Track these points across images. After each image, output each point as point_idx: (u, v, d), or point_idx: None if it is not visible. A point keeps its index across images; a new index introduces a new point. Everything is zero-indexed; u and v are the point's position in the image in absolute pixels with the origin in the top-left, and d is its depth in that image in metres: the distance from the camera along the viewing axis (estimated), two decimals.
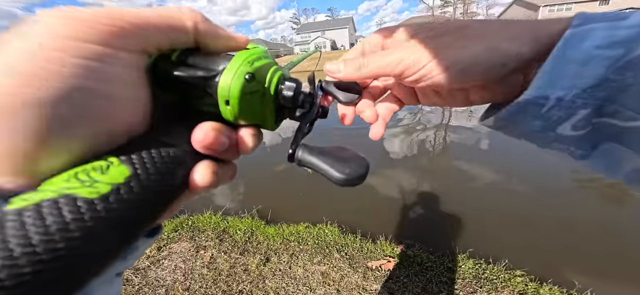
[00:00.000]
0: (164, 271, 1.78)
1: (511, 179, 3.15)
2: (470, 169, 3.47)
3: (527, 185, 2.95)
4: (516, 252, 1.79)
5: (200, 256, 1.95)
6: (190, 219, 2.53)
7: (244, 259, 1.92)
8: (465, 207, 2.65)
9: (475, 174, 3.31)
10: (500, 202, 2.76)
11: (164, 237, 2.23)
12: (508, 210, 2.60)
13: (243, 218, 2.53)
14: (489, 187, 3.03)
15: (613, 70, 0.16)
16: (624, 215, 2.36)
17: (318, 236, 2.17)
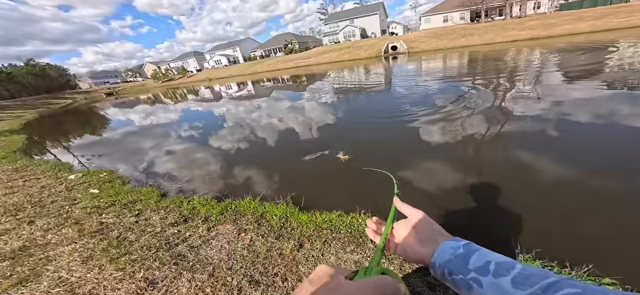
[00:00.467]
0: (212, 250, 1.93)
1: (587, 172, 2.53)
2: (533, 160, 2.91)
3: (609, 182, 2.33)
4: (600, 257, 1.42)
5: (241, 238, 2.06)
6: (234, 203, 2.71)
7: (279, 243, 1.96)
8: (526, 203, 2.23)
9: (539, 167, 2.76)
10: (568, 199, 2.24)
11: (212, 219, 2.43)
12: (578, 209, 2.09)
13: (278, 204, 2.59)
14: (557, 181, 2.49)
15: (453, 256, 0.40)
16: None
17: (351, 225, 2.09)
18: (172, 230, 2.32)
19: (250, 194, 2.88)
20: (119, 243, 2.19)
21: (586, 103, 4.25)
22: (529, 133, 3.53)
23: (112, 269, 1.81)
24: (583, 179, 2.42)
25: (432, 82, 8.28)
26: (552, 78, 6.32)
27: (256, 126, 6.24)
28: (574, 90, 5.04)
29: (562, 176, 2.48)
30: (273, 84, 16.76)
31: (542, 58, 9.84)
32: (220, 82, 29.36)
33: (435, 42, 23.17)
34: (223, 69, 46.16)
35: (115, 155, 6.06)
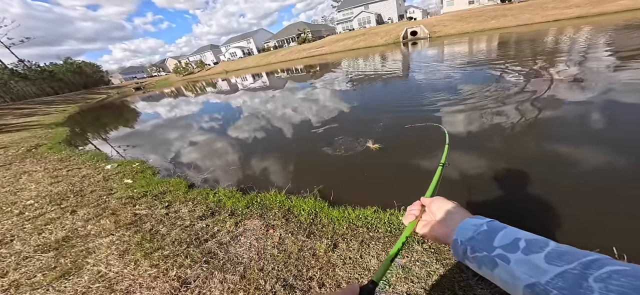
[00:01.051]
0: (241, 248, 1.83)
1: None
2: (572, 152, 2.47)
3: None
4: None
5: (270, 235, 1.93)
6: (259, 196, 2.60)
7: (311, 242, 1.80)
8: (560, 196, 1.87)
9: (578, 158, 2.33)
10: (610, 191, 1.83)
11: (239, 213, 2.34)
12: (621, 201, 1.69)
13: (306, 198, 2.43)
14: (597, 173, 2.07)
15: (476, 233, 0.39)
16: None
17: (390, 223, 1.88)
18: (200, 224, 2.26)
19: (275, 186, 2.75)
20: (152, 236, 2.17)
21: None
22: (568, 125, 3.02)
23: (147, 265, 1.77)
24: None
25: (460, 68, 7.58)
26: (605, 58, 5.42)
27: (274, 117, 6.11)
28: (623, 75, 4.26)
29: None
30: (288, 75, 16.53)
31: (591, 39, 8.49)
32: (236, 74, 29.66)
33: (461, 25, 21.12)
34: (238, 61, 46.59)
35: (146, 146, 6.27)
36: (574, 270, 0.27)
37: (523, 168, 2.44)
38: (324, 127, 4.59)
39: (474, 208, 2.18)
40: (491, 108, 3.91)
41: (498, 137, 3.11)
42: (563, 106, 3.55)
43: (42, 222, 2.68)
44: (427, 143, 3.20)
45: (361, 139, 3.71)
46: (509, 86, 4.78)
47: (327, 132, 4.30)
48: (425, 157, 2.89)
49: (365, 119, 4.57)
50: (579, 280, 0.26)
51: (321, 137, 4.14)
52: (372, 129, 4.02)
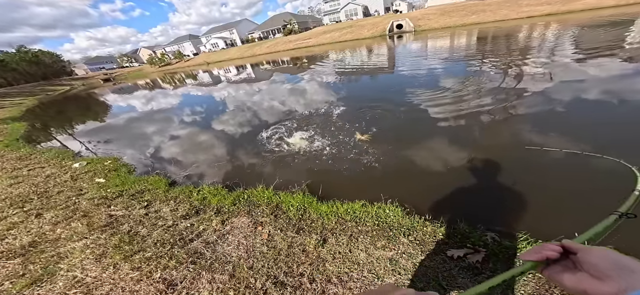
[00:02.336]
0: (229, 247, 1.82)
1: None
2: (547, 141, 2.70)
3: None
4: None
5: (258, 233, 1.93)
6: (246, 193, 2.57)
7: (301, 238, 1.83)
8: (554, 188, 2.07)
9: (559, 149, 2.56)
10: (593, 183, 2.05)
11: (225, 210, 2.31)
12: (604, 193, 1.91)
13: (294, 193, 2.45)
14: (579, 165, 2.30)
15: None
16: None
17: (378, 216, 1.95)
18: (184, 224, 2.20)
19: (263, 182, 2.73)
20: (131, 238, 2.08)
21: (597, 83, 3.95)
22: (537, 118, 3.28)
23: (128, 268, 1.71)
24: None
25: (442, 63, 7.85)
26: (567, 54, 5.88)
27: (261, 110, 5.99)
28: (590, 67, 4.69)
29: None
30: (274, 67, 16.17)
31: (558, 35, 9.19)
32: (218, 65, 28.53)
33: (444, 19, 21.89)
34: (221, 52, 44.84)
35: (119, 142, 5.91)
36: None
37: (498, 153, 2.62)
38: (312, 120, 4.59)
39: (458, 187, 2.31)
40: (469, 101, 4.11)
41: (477, 126, 3.30)
42: (531, 98, 3.82)
43: (4, 227, 2.47)
44: (414, 137, 3.32)
45: (350, 131, 3.76)
46: (487, 81, 5.05)
47: (315, 126, 4.30)
48: (411, 150, 3.00)
49: (354, 112, 4.63)
50: None
51: (309, 130, 4.14)
52: (361, 121, 4.08)
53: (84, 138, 6.74)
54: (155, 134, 5.98)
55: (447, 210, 2.02)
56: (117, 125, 8.06)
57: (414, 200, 2.16)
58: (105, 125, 8.42)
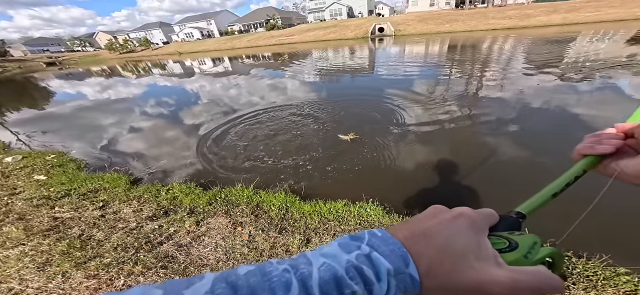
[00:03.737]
0: (205, 249, 1.71)
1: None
2: (516, 142, 3.03)
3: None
4: (613, 247, 1.49)
5: (238, 233, 1.85)
6: (223, 192, 2.46)
7: (283, 238, 1.80)
8: (527, 187, 2.32)
9: (532, 151, 2.88)
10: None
11: (199, 210, 2.17)
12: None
13: (276, 193, 2.40)
14: (550, 166, 2.62)
15: None
16: None
17: (359, 215, 2.00)
18: (151, 226, 2.02)
19: (242, 181, 2.63)
20: (84, 243, 1.85)
21: (540, 93, 4.60)
22: (491, 118, 3.68)
23: (81, 276, 1.51)
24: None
25: (417, 68, 8.35)
26: (518, 68, 6.70)
27: (239, 105, 5.77)
28: (532, 80, 5.42)
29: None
30: (254, 61, 15.72)
31: (513, 48, 10.38)
32: (192, 56, 26.94)
33: (422, 26, 23.33)
34: (196, 42, 42.42)
35: (65, 133, 5.26)
36: None
37: (461, 151, 2.85)
38: (293, 117, 4.54)
39: (419, 179, 2.45)
40: (438, 106, 4.43)
41: (444, 128, 3.55)
42: (488, 102, 4.24)
43: None
44: (390, 138, 3.46)
45: (332, 130, 3.80)
46: (454, 85, 5.50)
47: (295, 122, 4.26)
48: (389, 150, 3.12)
49: (337, 110, 4.68)
50: None
51: (290, 127, 4.09)
52: (342, 120, 4.14)
53: (18, 127, 5.86)
54: (112, 126, 5.43)
55: (423, 207, 2.14)
56: (62, 114, 7.16)
57: (392, 199, 2.26)
58: (47, 113, 7.42)
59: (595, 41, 9.93)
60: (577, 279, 1.29)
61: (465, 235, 0.26)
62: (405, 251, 0.25)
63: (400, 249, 0.26)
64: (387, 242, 0.26)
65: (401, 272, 0.25)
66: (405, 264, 0.25)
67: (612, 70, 5.56)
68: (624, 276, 1.28)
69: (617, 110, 3.63)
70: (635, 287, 1.22)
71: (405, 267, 0.25)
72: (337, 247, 0.27)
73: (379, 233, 0.28)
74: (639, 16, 16.05)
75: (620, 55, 6.87)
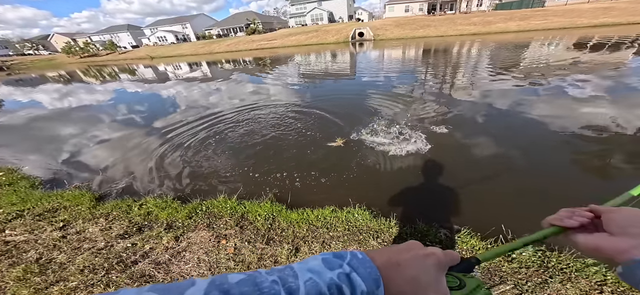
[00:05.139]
0: (187, 265, 1.63)
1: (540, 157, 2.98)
2: (487, 142, 3.27)
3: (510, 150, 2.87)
4: None
5: (222, 247, 1.80)
6: (204, 204, 2.37)
7: (271, 249, 1.78)
8: (504, 187, 2.51)
9: (502, 149, 3.13)
10: (537, 181, 2.59)
11: (178, 225, 2.08)
12: (544, 190, 2.44)
13: (261, 202, 2.36)
14: (525, 166, 2.86)
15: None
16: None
17: (348, 221, 2.03)
18: (123, 244, 1.89)
19: (224, 192, 2.56)
20: (43, 267, 1.68)
21: (503, 94, 5.09)
22: (464, 116, 3.99)
23: None
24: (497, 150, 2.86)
25: (395, 72, 8.75)
26: (483, 72, 7.35)
27: (218, 111, 5.61)
28: (495, 82, 5.99)
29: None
30: (234, 66, 15.45)
31: (479, 53, 11.37)
32: (166, 61, 25.86)
33: (398, 31, 24.66)
34: (170, 47, 40.81)
35: (17, 147, 4.77)
36: None
37: (443, 154, 3.02)
38: (277, 122, 4.51)
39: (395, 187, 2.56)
40: (417, 107, 4.67)
41: (425, 130, 3.74)
42: (461, 103, 4.57)
43: None
44: (374, 142, 3.57)
45: (318, 135, 3.83)
46: (428, 87, 5.86)
47: (279, 128, 4.24)
48: (374, 156, 3.22)
49: (322, 115, 4.73)
50: None
51: (274, 134, 4.06)
52: (329, 125, 4.19)
53: None
54: (73, 137, 5.02)
55: (407, 210, 2.23)
56: (12, 125, 6.51)
57: (379, 203, 2.33)
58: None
59: (545, 46, 11.13)
60: (554, 273, 1.42)
61: (430, 272, 0.32)
62: (379, 276, 0.30)
63: (375, 273, 0.30)
64: (365, 265, 0.30)
65: (372, 293, 0.29)
66: (376, 286, 0.29)
67: (560, 72, 6.27)
68: (593, 267, 1.42)
69: (564, 108, 4.07)
70: (604, 277, 1.36)
71: (376, 289, 0.29)
72: (321, 263, 0.30)
73: (360, 255, 0.32)
74: (578, 25, 18.43)
75: (566, 59, 7.78)
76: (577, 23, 18.88)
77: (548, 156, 2.93)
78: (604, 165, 2.72)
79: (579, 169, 2.68)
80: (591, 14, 20.21)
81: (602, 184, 2.47)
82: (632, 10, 19.53)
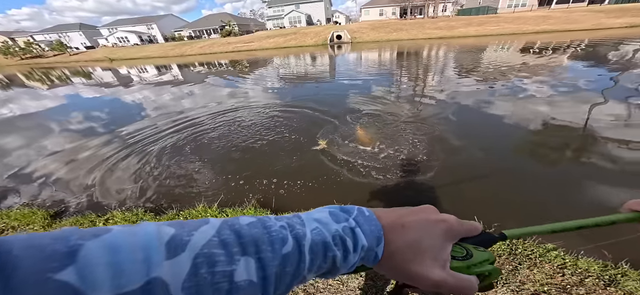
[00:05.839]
0: None
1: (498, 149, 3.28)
2: (451, 138, 3.52)
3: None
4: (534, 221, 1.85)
5: None
6: (181, 214, 2.25)
7: None
8: (462, 178, 2.70)
9: (458, 145, 3.36)
10: (491, 173, 2.84)
11: None
12: (511, 184, 2.69)
13: (245, 209, 2.30)
14: (475, 158, 3.12)
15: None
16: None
17: None
18: None
19: (204, 200, 2.45)
20: None
21: (469, 93, 5.59)
22: (435, 112, 4.34)
23: None
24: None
25: (373, 74, 9.09)
26: (450, 73, 8.04)
27: (192, 115, 5.34)
28: (461, 83, 6.58)
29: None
30: (209, 69, 14.81)
31: (445, 56, 12.38)
32: (129, 63, 24.04)
33: (374, 34, 25.76)
34: (133, 48, 37.91)
35: None
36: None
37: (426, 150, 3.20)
38: (256, 127, 4.41)
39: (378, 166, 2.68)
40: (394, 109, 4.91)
41: (399, 122, 3.94)
42: (433, 101, 4.90)
43: None
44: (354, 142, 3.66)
45: (301, 138, 3.81)
46: (404, 87, 6.20)
47: (259, 133, 4.15)
48: (360, 156, 3.30)
49: (303, 117, 4.72)
50: None
51: (253, 138, 3.97)
52: (311, 128, 4.18)
53: None
54: (17, 150, 4.45)
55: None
56: None
57: (364, 205, 2.39)
58: None
59: (499, 51, 12.41)
60: (521, 260, 1.56)
61: (435, 238, 0.31)
62: (382, 235, 0.30)
63: (378, 232, 0.30)
64: (370, 223, 0.31)
65: (371, 250, 0.30)
66: (376, 244, 0.30)
67: (512, 73, 7.02)
68: (553, 252, 1.59)
69: (518, 105, 4.57)
70: (563, 261, 1.53)
71: (376, 246, 0.30)
72: (328, 216, 0.31)
73: (366, 213, 0.32)
74: (524, 31, 21.19)
75: (516, 62, 8.72)
76: (523, 29, 21.58)
77: (505, 150, 3.24)
78: (547, 152, 3.07)
79: (529, 159, 3.00)
80: (534, 22, 23.23)
81: (550, 171, 2.77)
82: (565, 19, 22.94)
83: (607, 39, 13.24)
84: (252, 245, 0.24)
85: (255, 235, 0.25)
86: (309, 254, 0.27)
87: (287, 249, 0.26)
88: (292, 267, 0.26)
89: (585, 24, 20.72)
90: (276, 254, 0.25)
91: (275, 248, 0.25)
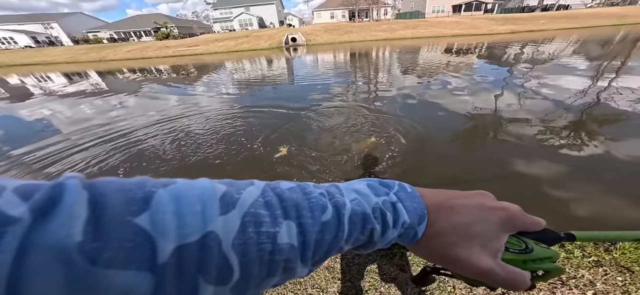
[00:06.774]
0: None
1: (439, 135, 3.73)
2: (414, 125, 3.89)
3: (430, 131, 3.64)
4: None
5: None
6: None
7: None
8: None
9: (424, 130, 3.74)
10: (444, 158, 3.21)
11: None
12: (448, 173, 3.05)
13: None
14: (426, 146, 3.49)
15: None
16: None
17: None
18: None
19: None
20: None
21: (413, 88, 6.34)
22: (387, 105, 4.74)
23: None
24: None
25: (332, 76, 9.41)
26: (397, 72, 9.08)
27: (126, 129, 4.67)
28: (406, 80, 7.47)
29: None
30: (144, 76, 13.23)
31: (390, 56, 13.83)
32: (21, 70, 20.02)
33: (327, 36, 26.76)
34: (26, 52, 31.41)
35: None
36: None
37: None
38: (210, 138, 4.09)
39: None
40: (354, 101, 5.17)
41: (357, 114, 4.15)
42: (381, 98, 5.35)
43: None
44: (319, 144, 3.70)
45: (261, 148, 3.68)
46: (359, 86, 6.59)
47: (214, 144, 3.86)
48: (326, 158, 3.33)
49: (262, 124, 4.55)
50: None
51: (207, 150, 3.68)
52: (271, 134, 4.06)
53: None
54: None
55: None
56: None
57: None
58: None
59: (430, 51, 14.46)
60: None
61: (489, 225, 0.28)
62: (425, 214, 0.29)
63: (422, 210, 0.29)
64: (413, 200, 0.30)
65: (412, 228, 0.29)
66: (418, 223, 0.29)
67: (441, 71, 8.26)
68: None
69: (450, 99, 5.26)
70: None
71: (417, 225, 0.29)
72: (367, 188, 0.30)
73: (409, 189, 0.31)
74: (445, 34, 25.22)
75: (442, 62, 10.31)
76: (443, 33, 25.81)
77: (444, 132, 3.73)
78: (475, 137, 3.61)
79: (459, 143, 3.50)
80: (451, 26, 27.98)
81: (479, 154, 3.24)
82: (470, 24, 28.48)
83: (499, 43, 16.76)
84: (294, 209, 0.24)
85: (296, 199, 0.25)
86: (348, 224, 0.26)
87: (326, 217, 0.25)
88: (330, 235, 0.25)
89: (483, 29, 25.83)
90: (316, 221, 0.25)
91: (315, 214, 0.25)
